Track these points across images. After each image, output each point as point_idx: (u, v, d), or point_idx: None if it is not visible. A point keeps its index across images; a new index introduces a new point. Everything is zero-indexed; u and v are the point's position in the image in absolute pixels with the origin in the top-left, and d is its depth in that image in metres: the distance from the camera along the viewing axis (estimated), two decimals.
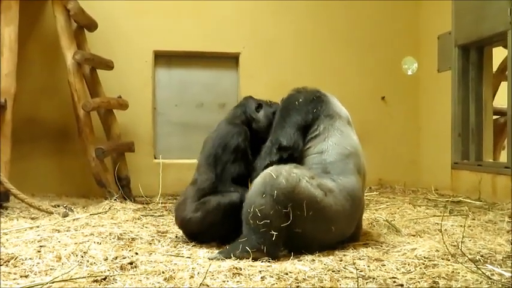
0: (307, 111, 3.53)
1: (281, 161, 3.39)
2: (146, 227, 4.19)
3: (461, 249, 3.28)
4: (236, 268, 2.82)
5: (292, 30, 7.13)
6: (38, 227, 4.05)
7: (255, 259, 3.04)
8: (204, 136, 3.95)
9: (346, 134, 3.55)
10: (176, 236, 3.86)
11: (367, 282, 2.68)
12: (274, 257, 3.09)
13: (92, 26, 6.28)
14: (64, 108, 6.24)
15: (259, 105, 3.90)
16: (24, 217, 4.65)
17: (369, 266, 2.95)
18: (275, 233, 3.07)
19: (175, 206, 3.84)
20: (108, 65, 6.24)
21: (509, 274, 2.79)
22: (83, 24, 6.16)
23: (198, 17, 6.94)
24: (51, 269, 2.83)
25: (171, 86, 7.07)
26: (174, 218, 3.90)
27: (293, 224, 3.13)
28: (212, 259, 3.09)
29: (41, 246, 3.30)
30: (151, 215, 4.84)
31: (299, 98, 3.60)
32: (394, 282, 2.69)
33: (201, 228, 3.55)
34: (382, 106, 7.28)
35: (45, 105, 6.50)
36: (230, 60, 7.14)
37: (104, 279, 2.65)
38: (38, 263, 2.90)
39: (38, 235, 3.68)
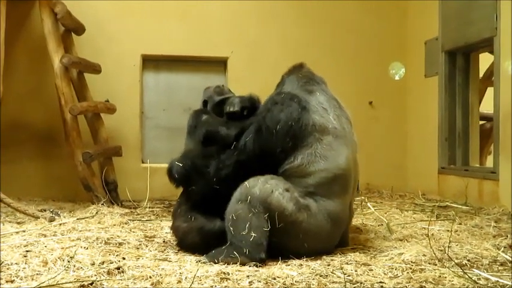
0: (285, 141, 3.35)
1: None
2: (133, 232, 4.18)
3: (448, 254, 3.30)
4: (224, 273, 2.82)
5: (280, 35, 7.15)
6: (24, 231, 4.02)
7: (242, 264, 3.04)
8: None
9: (334, 153, 3.41)
10: (164, 241, 3.85)
11: (354, 287, 2.69)
12: (258, 259, 3.10)
13: (80, 29, 6.26)
14: (51, 112, 6.21)
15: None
16: (10, 221, 4.61)
17: (356, 271, 2.96)
18: (254, 235, 3.11)
19: (175, 208, 3.83)
20: (96, 69, 6.21)
21: (495, 279, 2.81)
22: (71, 28, 6.14)
23: (187, 22, 6.93)
24: (37, 274, 2.81)
25: (158, 90, 7.05)
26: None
27: (269, 233, 3.18)
28: (200, 262, 3.14)
29: (27, 251, 3.28)
30: (139, 220, 4.82)
31: (279, 118, 3.38)
32: (382, 286, 2.70)
33: (184, 239, 3.54)
34: (370, 111, 7.31)
35: (32, 109, 6.46)
36: (218, 64, 7.14)
37: (91, 284, 2.64)
38: (24, 268, 2.88)
39: (24, 240, 3.66)
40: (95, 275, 2.78)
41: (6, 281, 2.69)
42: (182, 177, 3.60)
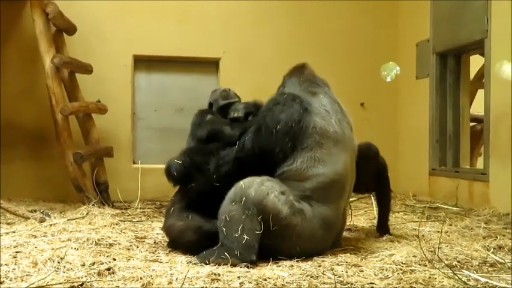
0: (284, 142, 3.36)
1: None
2: (124, 233, 4.16)
3: (438, 255, 3.31)
4: (215, 274, 2.81)
5: (272, 36, 7.15)
6: (14, 232, 4.00)
7: (233, 265, 3.04)
8: (183, 141, 3.95)
9: (332, 159, 3.40)
10: (155, 242, 3.84)
11: None
12: (249, 261, 3.09)
13: (71, 29, 6.24)
14: (42, 112, 6.18)
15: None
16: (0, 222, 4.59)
17: (347, 272, 2.96)
18: (246, 237, 3.11)
19: (168, 207, 3.82)
20: (87, 69, 6.20)
21: (485, 279, 2.82)
22: (62, 28, 6.12)
23: (179, 22, 6.93)
24: (27, 275, 2.80)
25: (150, 90, 7.05)
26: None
27: (262, 235, 3.17)
28: (191, 263, 3.13)
29: (17, 252, 3.26)
30: (130, 221, 4.81)
31: (280, 118, 3.38)
32: (372, 287, 2.70)
33: (179, 237, 3.53)
34: (361, 112, 7.32)
35: (23, 109, 6.43)
36: (210, 65, 7.14)
37: (81, 285, 2.63)
38: (14, 269, 2.86)
39: (14, 241, 3.63)
40: (85, 276, 2.77)
41: None
42: (181, 175, 3.58)
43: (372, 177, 4.03)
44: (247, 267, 3.04)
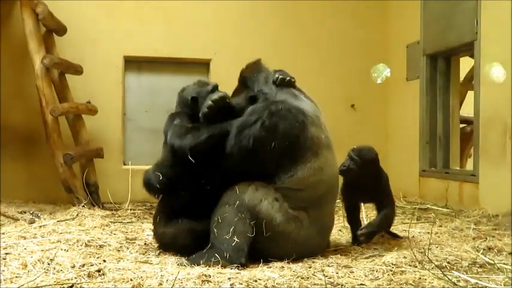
0: (280, 158, 3.31)
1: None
2: (114, 234, 4.15)
3: (428, 256, 3.32)
4: (205, 275, 2.81)
5: (262, 37, 7.15)
6: (3, 233, 3.98)
7: (223, 266, 3.04)
8: None
9: (327, 165, 3.44)
10: (145, 243, 3.83)
11: None
12: (238, 263, 3.09)
13: (61, 30, 6.21)
14: (32, 113, 6.15)
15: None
16: None
17: (337, 273, 2.97)
18: (237, 240, 3.11)
19: (154, 215, 3.80)
20: (77, 70, 6.17)
21: (475, 280, 2.83)
22: (52, 28, 6.09)
23: (169, 23, 6.91)
24: (16, 276, 2.78)
25: (141, 91, 7.02)
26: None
27: (254, 239, 3.18)
28: (181, 264, 3.13)
29: (6, 254, 3.25)
30: (120, 222, 4.79)
31: (275, 135, 3.28)
32: None
33: (173, 242, 3.51)
34: (352, 114, 7.34)
35: (12, 110, 6.39)
36: (201, 66, 7.13)
37: (71, 286, 2.62)
38: (3, 271, 2.85)
39: (4, 242, 3.62)
40: (75, 278, 2.76)
41: None
42: (164, 185, 3.54)
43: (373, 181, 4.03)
44: (238, 268, 3.04)
